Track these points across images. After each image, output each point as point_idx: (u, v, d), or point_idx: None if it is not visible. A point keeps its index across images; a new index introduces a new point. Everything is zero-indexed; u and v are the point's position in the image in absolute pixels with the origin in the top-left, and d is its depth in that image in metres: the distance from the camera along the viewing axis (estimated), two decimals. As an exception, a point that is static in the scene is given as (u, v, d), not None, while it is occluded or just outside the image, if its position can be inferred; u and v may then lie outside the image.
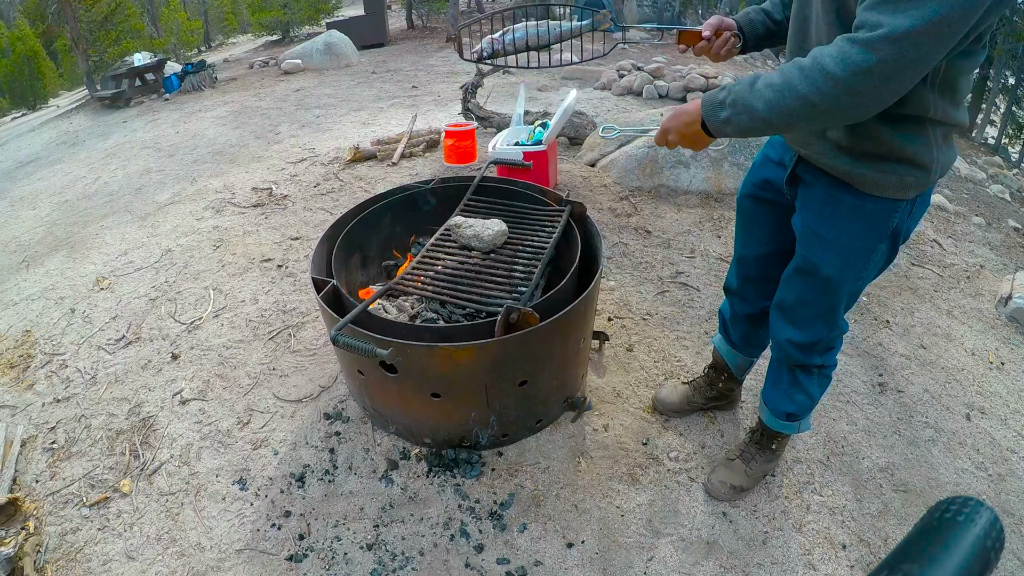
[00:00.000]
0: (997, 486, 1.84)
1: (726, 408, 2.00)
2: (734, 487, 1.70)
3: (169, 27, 16.72)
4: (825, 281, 1.31)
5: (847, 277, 1.30)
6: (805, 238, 1.32)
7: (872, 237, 1.24)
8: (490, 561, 1.55)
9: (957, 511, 0.36)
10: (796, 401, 1.55)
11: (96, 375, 2.32)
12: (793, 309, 1.43)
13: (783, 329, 1.47)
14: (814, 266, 1.31)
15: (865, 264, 1.28)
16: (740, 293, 1.68)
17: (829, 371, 1.55)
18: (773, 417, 1.63)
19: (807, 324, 1.42)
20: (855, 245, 1.25)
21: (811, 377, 1.53)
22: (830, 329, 1.43)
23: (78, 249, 3.46)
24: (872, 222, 1.22)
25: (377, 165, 4.32)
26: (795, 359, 1.49)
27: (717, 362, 1.88)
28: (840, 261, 1.27)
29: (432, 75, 8.67)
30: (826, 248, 1.27)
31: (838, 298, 1.35)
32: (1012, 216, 3.84)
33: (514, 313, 1.49)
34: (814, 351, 1.47)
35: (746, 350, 1.78)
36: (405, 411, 1.80)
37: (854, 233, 1.23)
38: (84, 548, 1.64)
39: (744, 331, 1.75)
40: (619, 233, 3.18)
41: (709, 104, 1.09)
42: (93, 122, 7.82)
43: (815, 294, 1.35)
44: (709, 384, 1.92)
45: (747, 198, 1.54)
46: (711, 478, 1.73)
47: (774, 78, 1.00)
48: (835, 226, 1.24)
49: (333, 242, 1.94)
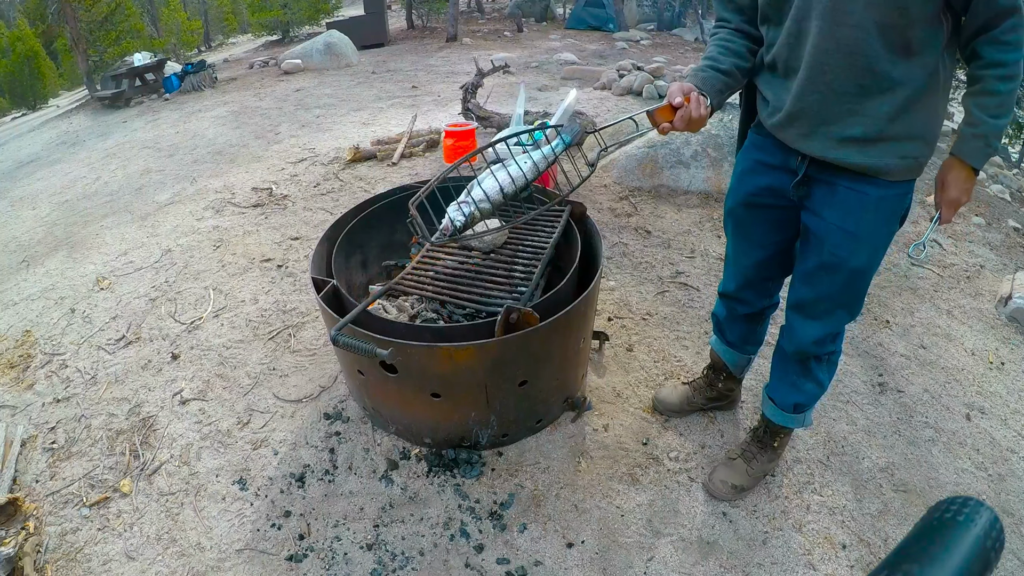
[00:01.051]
0: (997, 486, 1.84)
1: (726, 408, 2.00)
2: (735, 487, 1.70)
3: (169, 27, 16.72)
4: (854, 273, 1.34)
5: (874, 265, 1.35)
6: (828, 235, 1.32)
7: (894, 221, 1.30)
8: (490, 561, 1.55)
9: (957, 511, 0.36)
10: (805, 391, 1.56)
11: (96, 375, 2.32)
12: (814, 305, 1.43)
13: (804, 326, 1.47)
14: (843, 260, 1.32)
15: (886, 245, 1.34)
16: (739, 297, 1.68)
17: (836, 357, 1.56)
18: (778, 410, 1.63)
19: (829, 316, 1.43)
20: (881, 233, 1.30)
21: (822, 365, 1.54)
22: (852, 315, 1.44)
23: (78, 249, 3.46)
24: (895, 208, 1.28)
25: (377, 165, 4.32)
26: (812, 352, 1.49)
27: (715, 363, 1.89)
28: (869, 251, 1.31)
29: (432, 75, 8.67)
30: (855, 242, 1.29)
31: (863, 284, 1.39)
32: (1012, 216, 3.84)
33: (514, 313, 1.49)
34: (832, 340, 1.49)
35: (744, 348, 1.79)
36: (405, 411, 1.80)
37: (881, 222, 1.28)
38: (84, 548, 1.64)
39: (742, 331, 1.75)
40: (619, 233, 3.18)
41: (976, 154, 1.20)
42: (93, 122, 7.82)
43: (840, 287, 1.37)
44: (709, 384, 1.93)
45: (740, 206, 1.52)
46: (712, 477, 1.73)
47: (999, 87, 1.13)
48: (863, 219, 1.27)
49: (333, 242, 1.94)
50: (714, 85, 1.30)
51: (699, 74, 1.32)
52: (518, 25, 13.81)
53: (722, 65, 1.32)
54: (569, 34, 13.49)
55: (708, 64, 1.34)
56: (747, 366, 1.86)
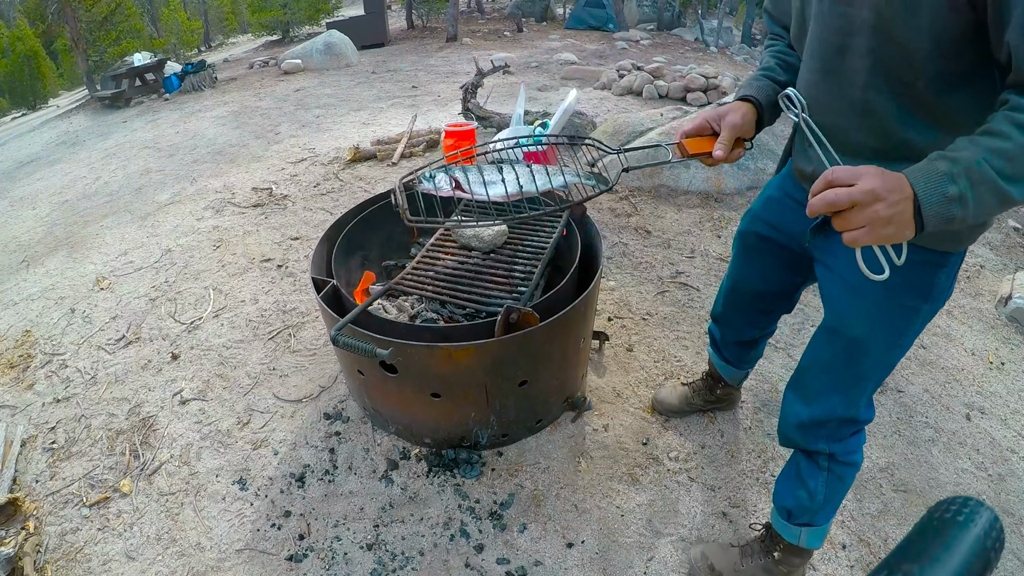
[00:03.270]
0: (997, 486, 1.84)
1: (726, 408, 2.00)
2: (713, 569, 1.47)
3: (169, 27, 16.73)
4: (852, 343, 1.11)
5: (878, 340, 1.09)
6: (835, 292, 1.13)
7: (914, 295, 1.04)
8: (490, 561, 1.55)
9: (957, 511, 0.36)
10: (796, 496, 1.30)
11: (96, 375, 2.32)
12: (806, 373, 1.22)
13: (792, 403, 1.25)
14: (842, 323, 1.12)
15: (903, 328, 1.08)
16: (726, 320, 1.60)
17: (842, 469, 1.25)
18: (775, 509, 1.40)
19: (819, 396, 1.19)
20: (892, 303, 1.05)
21: (815, 470, 1.26)
22: (847, 407, 1.17)
23: (78, 249, 3.46)
24: (915, 277, 1.01)
25: (377, 165, 4.32)
26: (797, 441, 1.26)
27: (713, 373, 1.87)
28: (873, 319, 1.08)
29: (432, 75, 8.67)
30: (857, 302, 1.08)
31: (865, 368, 1.13)
32: (1012, 216, 3.84)
33: (514, 313, 1.49)
34: (820, 433, 1.21)
35: (740, 365, 1.74)
36: (405, 411, 1.80)
37: (893, 288, 1.01)
38: (84, 548, 1.64)
39: (735, 353, 1.69)
40: (619, 233, 3.18)
41: (928, 177, 0.76)
42: (93, 122, 7.82)
43: (837, 358, 1.15)
44: (708, 388, 1.92)
45: (754, 234, 1.37)
46: (699, 545, 1.55)
47: (1006, 128, 0.75)
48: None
49: (333, 242, 1.94)
50: (769, 96, 1.13)
51: (754, 83, 1.18)
52: (518, 25, 13.82)
53: (780, 77, 1.18)
54: (569, 34, 13.50)
55: (765, 74, 1.19)
56: (744, 378, 1.84)
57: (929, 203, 0.75)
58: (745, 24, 16.35)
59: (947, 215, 0.75)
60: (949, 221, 0.76)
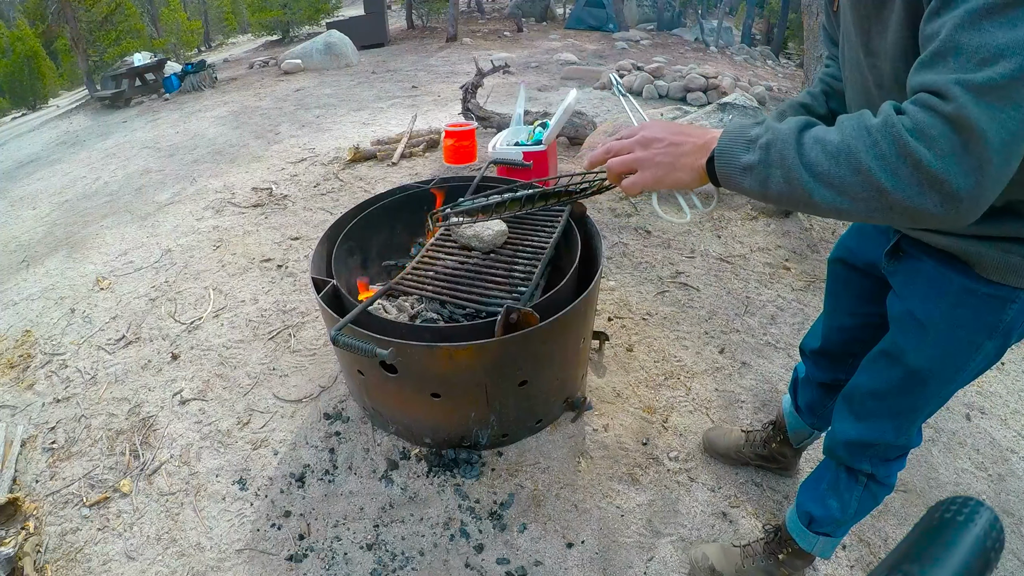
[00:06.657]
0: (997, 486, 1.84)
1: (776, 473, 1.81)
2: (713, 569, 1.48)
3: (169, 27, 16.73)
4: (911, 373, 1.07)
5: (938, 372, 1.06)
6: (900, 320, 1.09)
7: (979, 329, 1.00)
8: (490, 561, 1.55)
9: (957, 511, 0.36)
10: (826, 505, 1.30)
11: (96, 375, 2.32)
12: (863, 399, 1.18)
13: (843, 420, 1.23)
14: (902, 351, 1.08)
15: (964, 362, 1.04)
16: (814, 358, 1.50)
17: (877, 489, 1.26)
18: (794, 513, 1.39)
19: (873, 419, 1.17)
20: (956, 336, 1.01)
21: (853, 484, 1.26)
22: (898, 434, 1.16)
23: (78, 249, 3.46)
24: (983, 311, 0.97)
25: (377, 165, 4.32)
26: (843, 457, 1.25)
27: (778, 421, 1.73)
28: (934, 352, 1.04)
29: (432, 75, 8.67)
30: (921, 333, 1.04)
31: (921, 398, 1.10)
32: None
33: (514, 313, 1.49)
34: (867, 454, 1.21)
35: (809, 419, 1.59)
36: (405, 411, 1.80)
37: (958, 321, 0.99)
38: (84, 548, 1.64)
39: (812, 398, 1.55)
40: (619, 233, 3.18)
41: (733, 137, 0.77)
42: (93, 122, 7.82)
43: (895, 386, 1.12)
44: (764, 441, 1.76)
45: (838, 262, 1.33)
46: (699, 546, 1.55)
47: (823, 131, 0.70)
48: (937, 308, 1.01)
49: (333, 242, 1.94)
50: None
51: (785, 112, 1.14)
52: (518, 25, 13.83)
53: (818, 110, 1.13)
54: (569, 34, 13.50)
55: (802, 103, 1.14)
56: (806, 440, 1.67)
57: (722, 161, 0.77)
58: (745, 24, 16.36)
59: (736, 181, 0.76)
60: (739, 187, 0.76)
